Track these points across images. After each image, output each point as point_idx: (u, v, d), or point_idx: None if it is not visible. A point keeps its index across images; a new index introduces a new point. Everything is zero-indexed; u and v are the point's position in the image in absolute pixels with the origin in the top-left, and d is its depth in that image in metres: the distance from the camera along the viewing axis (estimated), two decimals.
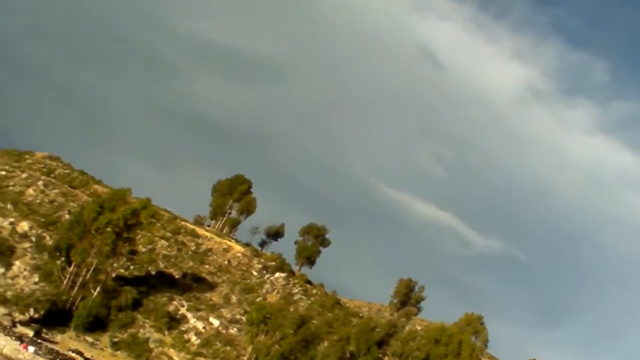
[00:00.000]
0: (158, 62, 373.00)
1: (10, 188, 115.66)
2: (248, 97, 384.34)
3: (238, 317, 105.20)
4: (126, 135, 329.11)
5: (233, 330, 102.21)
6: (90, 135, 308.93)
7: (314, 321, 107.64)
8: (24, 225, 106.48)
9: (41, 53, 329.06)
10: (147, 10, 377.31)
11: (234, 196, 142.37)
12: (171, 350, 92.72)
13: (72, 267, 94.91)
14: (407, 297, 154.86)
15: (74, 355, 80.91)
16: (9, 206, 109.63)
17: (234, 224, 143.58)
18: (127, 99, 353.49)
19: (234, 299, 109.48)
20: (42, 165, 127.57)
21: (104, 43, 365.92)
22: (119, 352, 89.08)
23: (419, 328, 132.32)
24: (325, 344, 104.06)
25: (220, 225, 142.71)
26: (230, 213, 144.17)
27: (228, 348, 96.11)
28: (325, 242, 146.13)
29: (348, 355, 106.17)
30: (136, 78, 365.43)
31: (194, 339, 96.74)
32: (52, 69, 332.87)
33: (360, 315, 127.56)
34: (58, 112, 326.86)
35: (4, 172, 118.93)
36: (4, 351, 70.44)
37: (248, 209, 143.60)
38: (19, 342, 76.02)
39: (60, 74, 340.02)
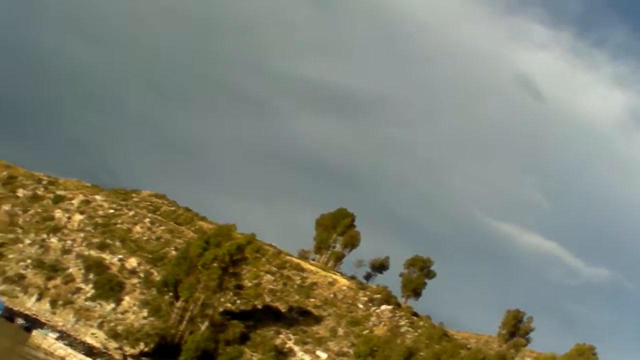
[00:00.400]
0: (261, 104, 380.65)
1: (119, 226, 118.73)
2: (345, 133, 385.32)
3: (345, 349, 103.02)
4: (228, 174, 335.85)
5: None
6: (194, 175, 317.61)
7: (422, 353, 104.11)
8: (132, 262, 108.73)
9: (143, 100, 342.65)
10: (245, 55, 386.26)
11: (337, 230, 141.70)
12: None
13: (179, 302, 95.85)
14: (516, 328, 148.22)
15: None
16: (117, 243, 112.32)
17: (339, 258, 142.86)
18: (226, 139, 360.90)
19: (340, 331, 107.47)
20: (149, 203, 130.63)
21: (198, 86, 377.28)
22: None
23: None
24: None
25: (325, 259, 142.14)
26: (334, 247, 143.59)
27: None
28: (430, 274, 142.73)
29: None
30: (234, 118, 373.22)
31: None
32: (157, 116, 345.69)
33: (468, 347, 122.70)
34: (161, 153, 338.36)
35: (112, 210, 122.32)
36: None
37: (352, 243, 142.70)
38: None
39: (167, 121, 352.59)
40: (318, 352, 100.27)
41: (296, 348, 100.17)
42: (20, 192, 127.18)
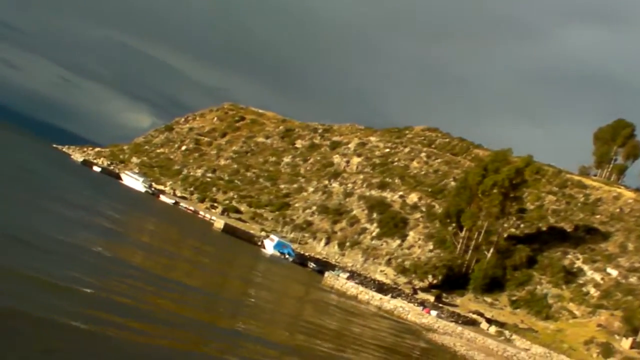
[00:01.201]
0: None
1: (396, 163, 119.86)
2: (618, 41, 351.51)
3: (637, 265, 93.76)
4: (498, 101, 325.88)
5: (633, 279, 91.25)
6: (466, 106, 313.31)
7: None
8: (413, 197, 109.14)
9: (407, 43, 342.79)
10: None
11: (617, 142, 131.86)
12: (570, 304, 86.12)
13: (463, 232, 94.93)
14: None
15: (474, 316, 79.51)
16: (396, 180, 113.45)
17: (621, 170, 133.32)
18: (495, 68, 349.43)
19: (630, 246, 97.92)
20: (422, 138, 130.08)
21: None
22: (518, 310, 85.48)
23: None
24: None
25: (607, 173, 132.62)
26: (615, 159, 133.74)
27: (629, 298, 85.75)
28: None
29: None
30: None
31: (592, 291, 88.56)
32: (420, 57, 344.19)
33: None
34: (430, 89, 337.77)
35: (387, 150, 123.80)
36: (409, 317, 71.40)
37: (634, 153, 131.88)
38: (421, 308, 76.90)
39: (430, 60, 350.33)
40: (608, 270, 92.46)
41: (585, 267, 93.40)
42: (299, 143, 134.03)
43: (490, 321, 78.41)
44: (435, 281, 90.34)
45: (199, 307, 28.36)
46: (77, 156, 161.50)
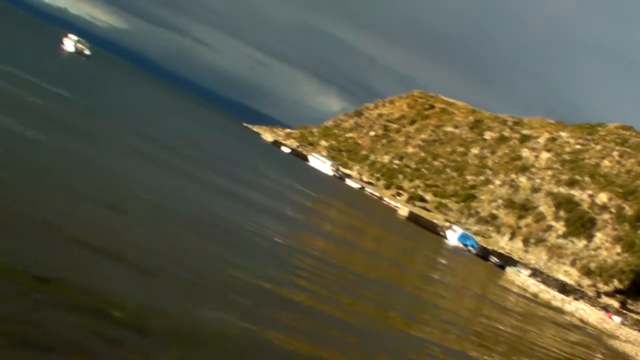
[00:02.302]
0: None
1: (586, 160, 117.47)
2: None
3: None
4: None
5: None
6: None
7: None
8: (602, 197, 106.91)
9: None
10: None
11: None
12: None
13: None
14: None
15: None
16: (586, 178, 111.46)
17: None
18: None
19: None
20: (616, 136, 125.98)
21: None
22: None
23: None
24: None
25: None
26: None
27: None
28: None
29: None
30: None
31: None
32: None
33: None
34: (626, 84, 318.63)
35: (578, 146, 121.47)
36: (589, 320, 71.43)
37: None
38: (603, 312, 76.54)
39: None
40: None
41: None
42: (487, 135, 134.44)
43: None
44: (621, 286, 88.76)
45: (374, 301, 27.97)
46: (267, 136, 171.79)
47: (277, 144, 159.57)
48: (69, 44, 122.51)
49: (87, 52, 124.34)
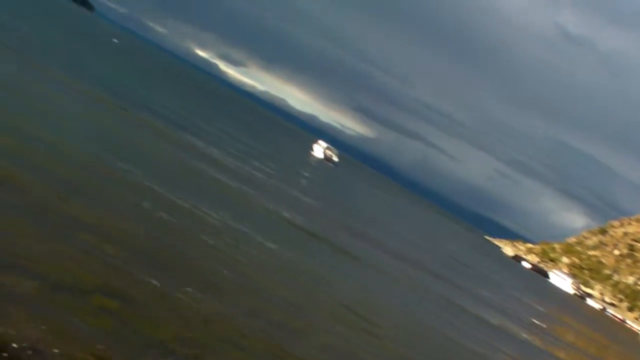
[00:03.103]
0: None
1: None
2: None
3: None
4: None
5: None
6: None
7: None
8: None
9: None
10: None
11: None
12: None
13: None
14: None
15: None
16: None
17: None
18: None
19: None
20: None
21: None
22: None
23: None
24: None
25: None
26: None
27: None
28: None
29: None
30: None
31: None
32: None
33: None
34: None
35: None
36: None
37: None
38: None
39: None
40: None
41: None
42: None
43: None
44: None
45: None
46: (508, 250, 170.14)
47: (517, 258, 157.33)
48: (319, 150, 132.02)
49: (335, 158, 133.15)
